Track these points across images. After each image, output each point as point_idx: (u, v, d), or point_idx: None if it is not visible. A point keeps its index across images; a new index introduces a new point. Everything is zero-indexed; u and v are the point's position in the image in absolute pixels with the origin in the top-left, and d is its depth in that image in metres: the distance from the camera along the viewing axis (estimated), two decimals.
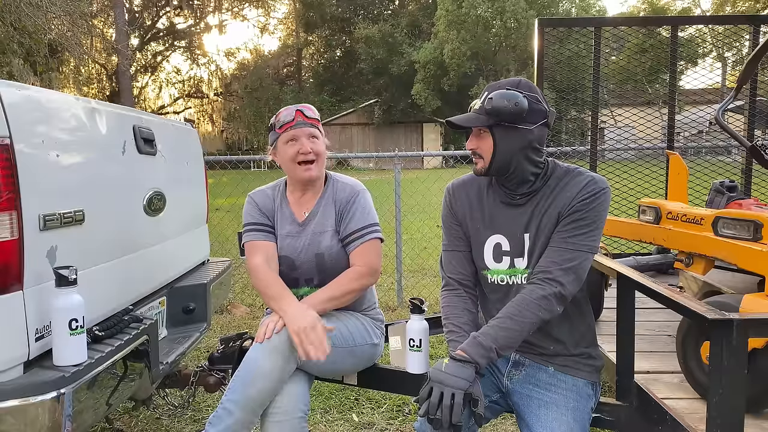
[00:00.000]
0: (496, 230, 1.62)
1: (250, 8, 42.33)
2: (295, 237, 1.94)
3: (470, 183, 1.71)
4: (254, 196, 2.02)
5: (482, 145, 1.55)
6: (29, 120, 1.48)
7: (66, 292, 1.46)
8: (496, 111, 1.48)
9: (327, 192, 1.98)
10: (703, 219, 2.48)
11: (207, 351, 3.59)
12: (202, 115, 41.69)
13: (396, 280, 4.99)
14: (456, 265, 1.68)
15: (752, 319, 1.26)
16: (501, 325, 1.46)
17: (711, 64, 22.48)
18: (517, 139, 1.52)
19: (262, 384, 1.62)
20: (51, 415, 1.35)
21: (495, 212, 1.63)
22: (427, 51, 31.41)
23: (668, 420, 1.53)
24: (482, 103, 1.53)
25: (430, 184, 5.92)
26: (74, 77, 21.34)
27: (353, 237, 1.90)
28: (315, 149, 1.88)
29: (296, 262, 1.92)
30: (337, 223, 1.93)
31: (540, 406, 1.54)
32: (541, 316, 1.46)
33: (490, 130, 1.52)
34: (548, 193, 1.56)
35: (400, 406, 2.91)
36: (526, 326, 1.45)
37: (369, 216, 1.93)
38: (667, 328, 2.90)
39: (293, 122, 1.87)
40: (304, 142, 1.87)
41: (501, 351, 1.43)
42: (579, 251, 1.49)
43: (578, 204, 1.51)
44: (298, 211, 1.97)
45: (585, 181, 1.53)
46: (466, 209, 1.68)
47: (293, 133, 1.87)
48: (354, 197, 1.94)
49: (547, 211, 1.55)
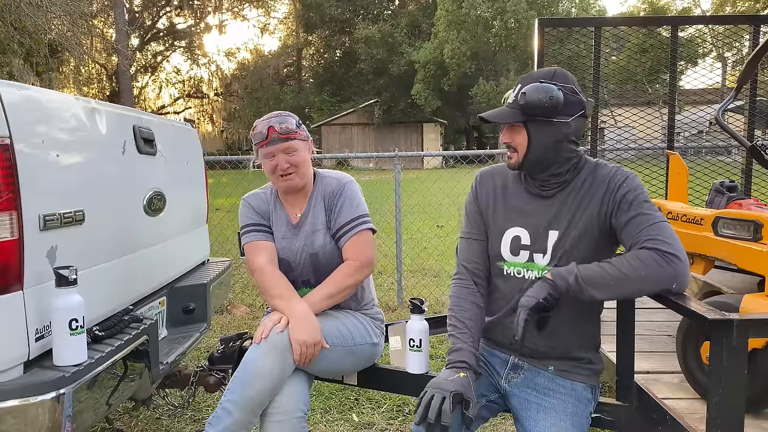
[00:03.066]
0: (518, 223, 1.58)
1: (250, 8, 42.40)
2: (291, 239, 1.94)
3: (498, 173, 1.68)
4: (248, 200, 2.02)
5: (516, 138, 1.52)
6: (29, 120, 1.48)
7: (66, 292, 1.46)
8: (530, 106, 1.44)
9: (316, 190, 1.98)
10: (703, 219, 2.48)
11: (207, 351, 3.59)
12: (202, 115, 41.75)
13: (396, 280, 4.98)
14: (471, 254, 1.66)
15: (752, 319, 1.26)
16: (598, 264, 1.41)
17: (711, 64, 22.49)
18: (552, 133, 1.48)
19: (261, 384, 1.62)
20: (51, 415, 1.35)
21: (519, 204, 1.60)
22: (427, 51, 31.42)
23: (668, 420, 1.53)
24: (515, 96, 1.49)
25: (430, 184, 5.92)
26: (74, 77, 21.32)
27: (343, 230, 1.90)
28: (293, 161, 1.87)
29: (293, 264, 1.93)
30: (327, 219, 1.93)
31: (538, 410, 1.53)
32: (650, 270, 1.35)
33: (524, 125, 1.49)
34: (578, 187, 1.53)
35: (400, 406, 2.91)
36: (627, 272, 1.36)
37: (357, 208, 1.92)
38: (667, 328, 2.91)
39: (267, 140, 1.86)
40: (281, 158, 1.86)
41: (585, 282, 1.38)
42: (655, 224, 1.42)
43: (618, 194, 1.47)
44: (292, 213, 1.98)
45: (611, 172, 1.51)
46: (490, 199, 1.65)
47: (267, 150, 1.87)
48: (340, 190, 1.93)
49: (579, 208, 1.51)
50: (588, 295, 1.39)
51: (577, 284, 1.38)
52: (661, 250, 1.37)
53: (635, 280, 1.37)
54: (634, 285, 1.38)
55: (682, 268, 1.37)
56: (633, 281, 1.37)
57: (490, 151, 5.88)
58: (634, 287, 1.39)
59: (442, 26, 30.77)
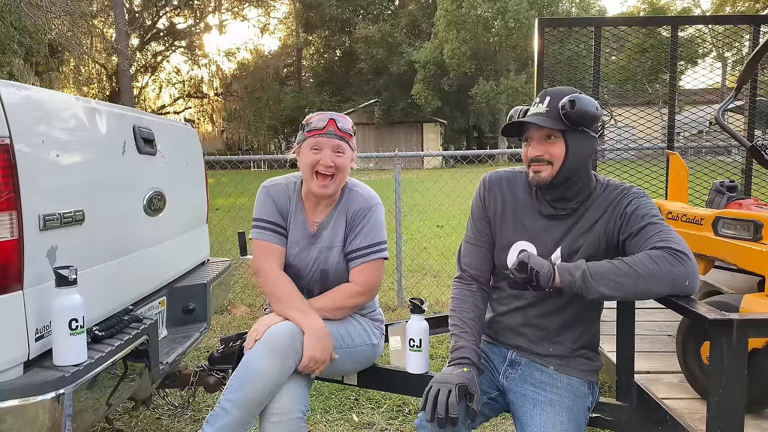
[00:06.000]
0: (526, 237, 1.58)
1: (250, 8, 42.40)
2: (305, 248, 1.90)
3: (508, 181, 1.66)
4: (271, 190, 1.92)
5: (552, 149, 1.48)
6: (29, 120, 1.48)
7: (66, 292, 1.46)
8: (579, 113, 1.43)
9: (341, 202, 1.91)
10: (703, 219, 2.48)
11: (207, 351, 3.59)
12: (203, 115, 41.75)
13: (396, 280, 4.98)
14: (474, 260, 1.66)
15: (752, 319, 1.26)
16: (608, 260, 1.39)
17: (711, 64, 22.48)
18: (588, 146, 1.49)
19: (260, 384, 1.62)
20: (51, 415, 1.35)
21: (528, 220, 1.59)
22: (427, 51, 31.42)
23: (668, 420, 1.53)
24: (548, 106, 1.48)
25: (430, 184, 5.92)
26: (74, 77, 21.35)
27: (357, 254, 1.87)
28: (337, 163, 1.79)
29: (302, 274, 1.91)
30: (345, 236, 1.89)
31: (535, 405, 1.53)
32: (663, 268, 1.33)
33: (563, 135, 1.47)
34: (590, 208, 1.54)
35: (400, 406, 2.91)
36: (639, 269, 1.34)
37: (377, 234, 1.88)
38: (667, 328, 2.91)
39: (323, 130, 1.79)
40: (327, 154, 1.79)
41: (593, 277, 1.36)
42: (663, 231, 1.42)
43: (628, 209, 1.48)
44: (311, 219, 1.92)
45: (622, 191, 1.52)
46: (499, 208, 1.64)
47: (318, 141, 1.80)
48: (366, 211, 1.88)
49: (589, 227, 1.52)
50: (595, 292, 1.36)
51: (584, 280, 1.37)
52: (672, 249, 1.36)
53: (647, 278, 1.34)
54: (645, 283, 1.34)
55: (693, 267, 1.37)
56: (645, 279, 1.34)
57: (490, 151, 5.88)
58: (645, 286, 1.35)
59: (442, 26, 30.76)
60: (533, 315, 1.60)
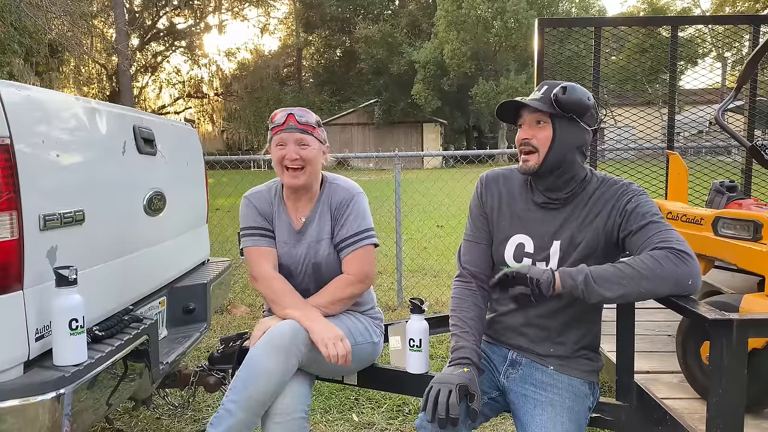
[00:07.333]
0: (522, 230, 1.59)
1: (250, 8, 42.39)
2: (293, 246, 1.92)
3: (504, 178, 1.68)
4: (252, 199, 1.98)
5: (539, 134, 1.51)
6: (29, 120, 1.48)
7: (66, 292, 1.46)
8: (569, 100, 1.45)
9: (323, 196, 1.94)
10: (703, 219, 2.48)
11: (207, 351, 3.59)
12: (203, 115, 41.71)
13: (396, 280, 4.98)
14: (474, 257, 1.67)
15: (752, 319, 1.26)
16: (610, 263, 1.40)
17: (711, 64, 22.45)
18: (576, 136, 1.50)
19: (263, 384, 1.62)
20: (51, 415, 1.35)
21: (525, 213, 1.60)
22: (427, 51, 31.43)
23: (668, 420, 1.53)
24: (543, 93, 1.50)
25: (430, 184, 5.92)
26: (74, 77, 21.35)
27: (346, 243, 1.88)
28: (303, 155, 1.82)
29: (294, 272, 1.91)
30: (332, 228, 1.91)
31: (535, 405, 1.54)
32: (666, 268, 1.33)
33: (551, 120, 1.49)
34: (585, 201, 1.54)
35: (400, 406, 2.91)
36: (642, 270, 1.34)
37: (363, 221, 1.90)
38: (667, 328, 2.91)
39: (284, 125, 1.83)
40: (291, 148, 1.82)
41: (596, 281, 1.36)
42: (664, 230, 1.42)
43: (629, 206, 1.48)
44: (295, 218, 1.94)
45: (621, 186, 1.53)
46: (495, 203, 1.65)
47: (281, 137, 1.84)
48: (348, 201, 1.90)
49: (585, 220, 1.53)
50: (597, 296, 1.37)
51: (586, 284, 1.37)
52: (675, 248, 1.37)
53: (650, 278, 1.34)
54: (648, 284, 1.35)
55: (696, 266, 1.37)
56: (648, 280, 1.34)
57: (490, 151, 5.88)
58: (649, 286, 1.35)
59: (442, 26, 30.76)
60: (534, 315, 1.60)
